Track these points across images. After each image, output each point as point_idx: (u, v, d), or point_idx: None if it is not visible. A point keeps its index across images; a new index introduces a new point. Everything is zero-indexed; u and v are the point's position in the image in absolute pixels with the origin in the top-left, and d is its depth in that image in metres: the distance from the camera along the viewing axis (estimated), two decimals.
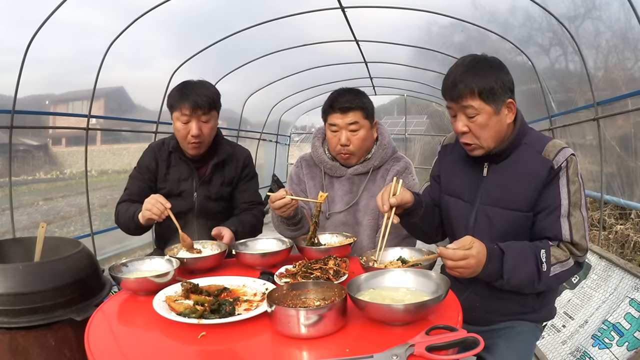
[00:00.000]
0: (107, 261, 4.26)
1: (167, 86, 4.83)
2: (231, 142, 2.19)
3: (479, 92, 1.37)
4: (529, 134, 1.48)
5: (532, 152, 1.44)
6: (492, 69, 1.40)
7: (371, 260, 1.46)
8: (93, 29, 3.73)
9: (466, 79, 1.38)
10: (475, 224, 1.50)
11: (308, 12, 4.66)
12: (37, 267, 1.43)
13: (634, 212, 5.03)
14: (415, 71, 6.94)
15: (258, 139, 8.65)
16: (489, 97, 1.38)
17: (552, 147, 1.42)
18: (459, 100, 1.40)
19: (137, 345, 1.07)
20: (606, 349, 2.43)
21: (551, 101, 4.65)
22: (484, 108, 1.39)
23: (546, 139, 1.47)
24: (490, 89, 1.37)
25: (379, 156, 1.98)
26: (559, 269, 1.35)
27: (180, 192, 2.03)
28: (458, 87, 1.39)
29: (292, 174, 2.16)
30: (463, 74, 1.39)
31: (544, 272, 1.33)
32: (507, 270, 1.30)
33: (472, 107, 1.39)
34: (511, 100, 1.42)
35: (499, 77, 1.39)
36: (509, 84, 1.41)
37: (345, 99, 1.88)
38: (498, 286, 1.35)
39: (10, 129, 3.23)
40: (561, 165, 1.39)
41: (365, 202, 1.97)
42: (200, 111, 1.89)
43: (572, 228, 1.37)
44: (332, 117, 1.91)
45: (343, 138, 1.89)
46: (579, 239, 1.37)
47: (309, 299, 1.16)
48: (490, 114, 1.40)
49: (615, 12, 3.27)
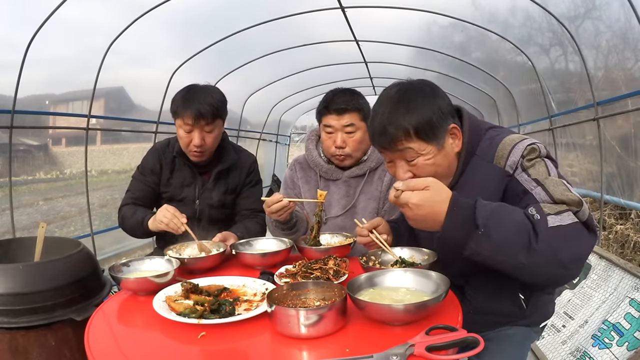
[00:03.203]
0: (107, 261, 4.26)
1: (167, 86, 4.83)
2: (237, 148, 2.15)
3: (416, 132, 1.16)
4: (481, 141, 1.26)
5: (482, 163, 1.24)
6: (425, 99, 1.18)
7: (371, 260, 1.46)
8: (94, 28, 3.73)
9: (397, 119, 1.16)
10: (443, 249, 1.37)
11: (308, 12, 4.67)
12: (37, 267, 1.43)
13: (634, 212, 5.02)
14: (415, 71, 6.93)
15: (258, 139, 8.65)
16: (429, 134, 1.17)
17: (502, 150, 1.20)
18: (393, 146, 1.19)
19: (137, 345, 1.07)
20: (606, 349, 2.43)
21: (551, 101, 4.66)
22: (425, 148, 1.18)
23: (497, 140, 1.23)
24: (427, 123, 1.16)
25: (375, 157, 1.94)
26: (558, 221, 1.03)
27: (183, 198, 2.01)
28: (389, 131, 1.17)
29: (287, 178, 2.10)
30: (391, 113, 1.17)
31: (538, 220, 1.02)
32: (481, 215, 1.00)
33: (410, 149, 1.18)
34: (454, 125, 1.21)
35: (436, 106, 1.18)
36: (447, 108, 1.21)
37: (341, 100, 1.82)
38: (474, 250, 1.02)
39: (10, 129, 3.23)
40: (517, 166, 1.18)
41: (362, 204, 1.94)
42: (204, 121, 1.84)
43: (548, 189, 1.10)
44: (328, 119, 1.86)
45: (339, 140, 1.84)
46: (560, 194, 1.08)
47: (309, 299, 1.16)
48: (434, 152, 1.19)
49: (615, 12, 3.27)
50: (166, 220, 1.68)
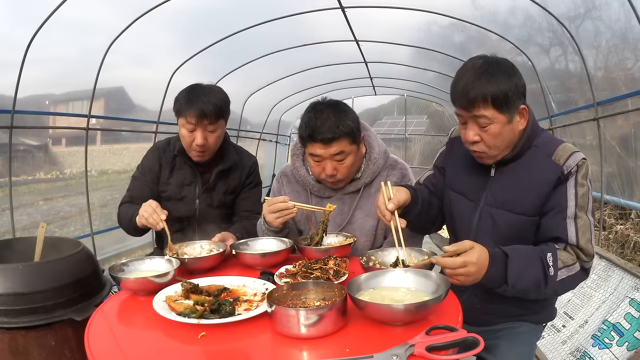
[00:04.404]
0: (107, 261, 4.26)
1: (167, 86, 4.83)
2: (238, 148, 2.14)
3: (493, 101, 1.27)
4: (539, 136, 1.42)
5: (541, 155, 1.38)
6: (505, 74, 1.29)
7: (371, 260, 1.46)
8: (94, 27, 3.73)
9: (479, 86, 1.27)
10: (478, 224, 1.45)
11: (308, 12, 4.66)
12: (37, 267, 1.43)
13: (634, 212, 5.03)
14: (415, 71, 6.93)
15: (258, 139, 8.64)
16: (503, 106, 1.29)
17: (563, 152, 1.35)
18: (471, 109, 1.31)
19: (137, 345, 1.07)
20: (606, 349, 2.43)
21: (551, 101, 4.65)
22: (497, 117, 1.30)
23: (557, 142, 1.40)
24: (504, 96, 1.27)
25: (370, 173, 1.79)
26: (566, 274, 1.29)
27: (182, 197, 2.00)
28: (470, 94, 1.28)
29: (275, 190, 1.97)
30: (475, 80, 1.28)
31: (550, 276, 1.26)
32: (511, 275, 1.23)
33: (484, 116, 1.29)
34: (524, 106, 1.34)
35: (513, 83, 1.29)
36: (522, 89, 1.32)
37: (327, 128, 1.59)
38: (501, 292, 1.28)
39: (10, 129, 3.22)
40: (571, 171, 1.33)
41: (360, 222, 1.79)
42: (207, 121, 1.83)
43: (579, 231, 1.32)
44: (313, 147, 1.65)
45: (328, 169, 1.67)
46: (584, 242, 1.32)
47: (309, 299, 1.16)
48: (504, 123, 1.31)
49: (615, 12, 3.27)
50: (146, 215, 1.66)
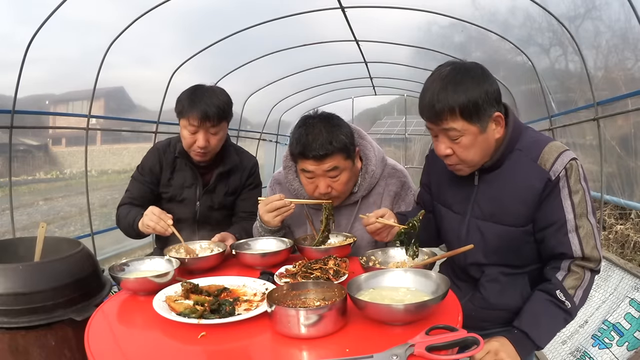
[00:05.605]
0: (107, 261, 4.26)
1: (167, 86, 4.83)
2: (238, 149, 2.13)
3: (461, 112, 1.20)
4: (522, 138, 1.33)
5: (526, 160, 1.30)
6: (474, 81, 1.21)
7: (371, 260, 1.46)
8: (94, 27, 3.73)
9: (445, 97, 1.20)
10: (467, 237, 1.41)
11: (308, 12, 4.66)
12: (37, 267, 1.43)
13: (634, 212, 5.02)
14: (415, 71, 6.93)
15: (258, 139, 8.64)
16: (474, 116, 1.21)
17: (549, 154, 1.27)
18: (439, 122, 1.24)
19: (137, 345, 1.07)
20: (606, 349, 2.43)
21: (551, 101, 4.65)
22: (468, 129, 1.23)
23: (542, 142, 1.31)
24: (474, 106, 1.20)
25: (366, 186, 1.72)
26: (580, 293, 1.28)
27: (183, 199, 2.00)
28: (436, 107, 1.22)
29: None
30: (441, 90, 1.21)
31: (570, 307, 1.26)
32: (542, 340, 1.26)
33: (454, 129, 1.23)
34: (498, 114, 1.26)
35: (483, 90, 1.21)
36: (494, 95, 1.24)
37: (319, 144, 1.51)
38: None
39: (10, 129, 3.22)
40: (559, 175, 1.25)
41: (359, 233, 1.72)
42: (209, 123, 1.82)
43: (582, 241, 1.27)
44: (305, 164, 1.57)
45: (322, 187, 1.59)
46: (590, 251, 1.27)
47: (309, 299, 1.16)
48: (476, 133, 1.24)
49: (615, 12, 3.27)
50: (152, 224, 1.66)
